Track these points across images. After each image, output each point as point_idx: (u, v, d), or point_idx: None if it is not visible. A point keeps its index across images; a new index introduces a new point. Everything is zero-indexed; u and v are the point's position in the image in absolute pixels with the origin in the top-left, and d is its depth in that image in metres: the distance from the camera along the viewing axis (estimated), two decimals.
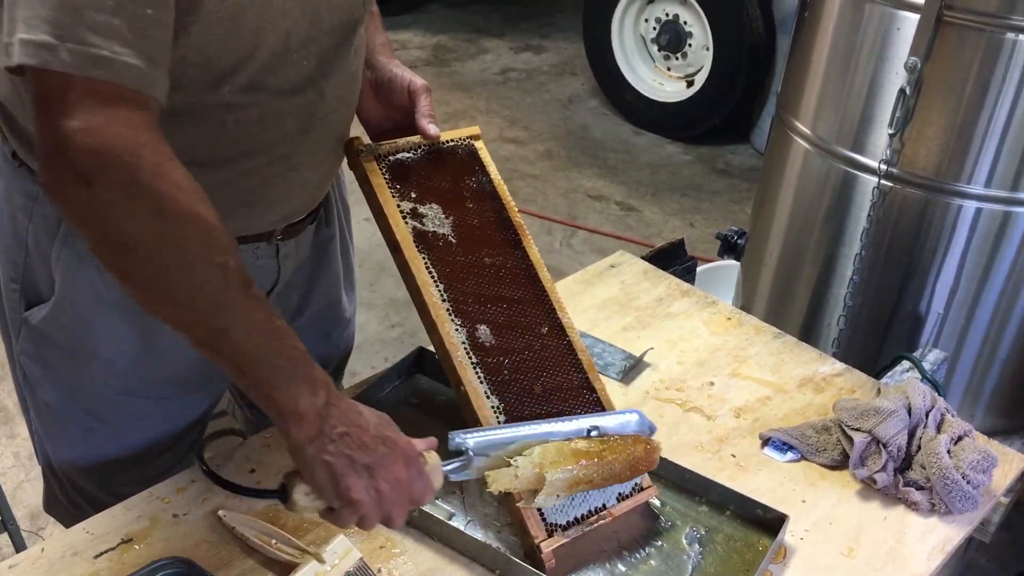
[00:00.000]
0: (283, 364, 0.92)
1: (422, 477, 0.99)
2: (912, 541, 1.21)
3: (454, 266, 1.23)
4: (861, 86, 1.82)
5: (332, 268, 1.43)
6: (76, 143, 0.84)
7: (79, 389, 1.26)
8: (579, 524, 1.14)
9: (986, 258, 1.83)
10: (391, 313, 3.08)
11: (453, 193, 1.29)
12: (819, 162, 1.95)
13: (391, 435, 0.98)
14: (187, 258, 0.88)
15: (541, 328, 1.26)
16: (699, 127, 4.27)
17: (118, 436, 1.30)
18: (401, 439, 0.99)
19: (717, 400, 1.44)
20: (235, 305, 0.91)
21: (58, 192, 0.87)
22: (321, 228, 1.37)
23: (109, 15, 0.83)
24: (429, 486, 1.00)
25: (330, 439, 0.94)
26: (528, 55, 5.18)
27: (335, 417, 0.94)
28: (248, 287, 0.92)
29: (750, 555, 1.17)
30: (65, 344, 1.22)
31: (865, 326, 1.96)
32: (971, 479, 1.24)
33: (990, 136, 1.72)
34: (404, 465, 0.97)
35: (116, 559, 1.09)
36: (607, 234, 3.62)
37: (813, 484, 1.29)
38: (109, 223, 0.87)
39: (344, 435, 0.94)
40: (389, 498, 0.96)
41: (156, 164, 0.87)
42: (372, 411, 1.00)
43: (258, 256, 1.25)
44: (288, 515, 1.16)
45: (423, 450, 1.02)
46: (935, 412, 1.31)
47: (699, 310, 1.64)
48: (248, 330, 0.91)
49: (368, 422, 0.97)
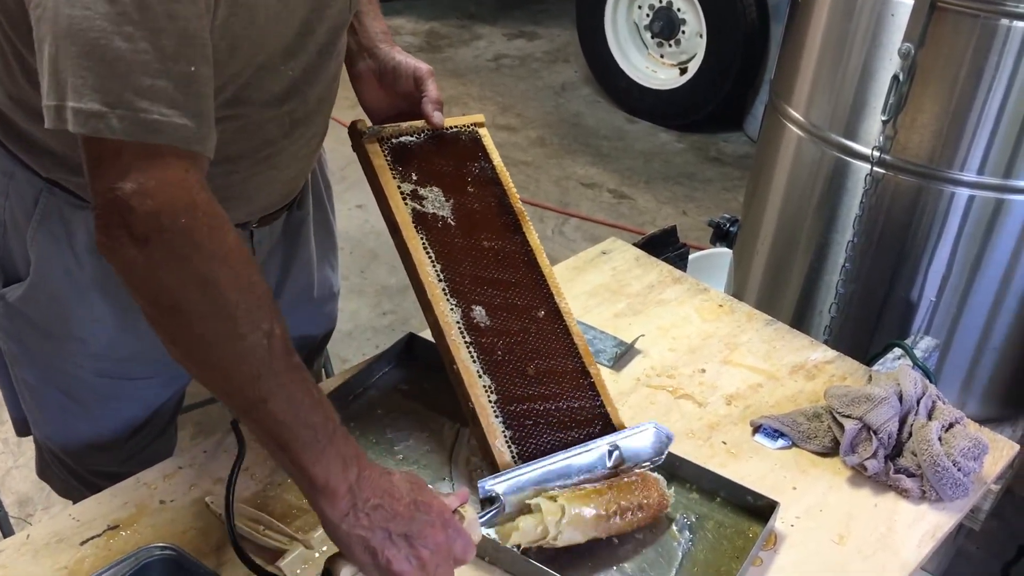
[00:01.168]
0: (318, 437, 0.90)
1: (461, 536, 0.97)
2: (902, 528, 1.21)
3: (452, 248, 1.23)
4: (854, 72, 1.82)
5: (306, 248, 1.43)
6: (133, 205, 0.84)
7: (54, 369, 1.26)
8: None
9: (978, 245, 1.83)
10: (383, 300, 3.06)
11: (454, 177, 1.29)
12: (812, 149, 1.94)
13: (425, 499, 0.96)
14: (235, 325, 0.87)
15: (538, 312, 1.26)
16: (692, 115, 4.26)
17: (92, 417, 1.30)
18: (436, 502, 0.97)
19: (708, 387, 1.43)
20: (277, 375, 0.89)
21: (114, 253, 0.87)
22: (293, 211, 1.37)
23: (155, 77, 0.83)
24: (469, 543, 0.98)
25: (364, 513, 0.92)
26: (521, 42, 5.16)
27: (367, 490, 0.92)
28: (290, 356, 0.90)
29: (740, 542, 1.16)
30: (41, 324, 1.22)
31: (857, 313, 1.96)
32: (962, 466, 1.24)
33: (983, 123, 1.72)
34: (441, 528, 0.95)
35: (102, 545, 1.08)
36: (599, 222, 3.61)
37: (804, 471, 1.29)
38: (163, 285, 0.87)
39: (378, 507, 0.92)
40: (431, 563, 0.94)
41: (211, 227, 0.87)
42: (403, 475, 0.97)
43: None
44: (276, 502, 1.15)
45: (456, 507, 1.00)
46: (926, 399, 1.30)
47: (691, 297, 1.63)
48: (287, 401, 0.89)
49: (400, 490, 0.95)
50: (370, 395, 1.34)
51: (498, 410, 1.18)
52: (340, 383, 1.32)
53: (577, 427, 1.21)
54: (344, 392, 1.32)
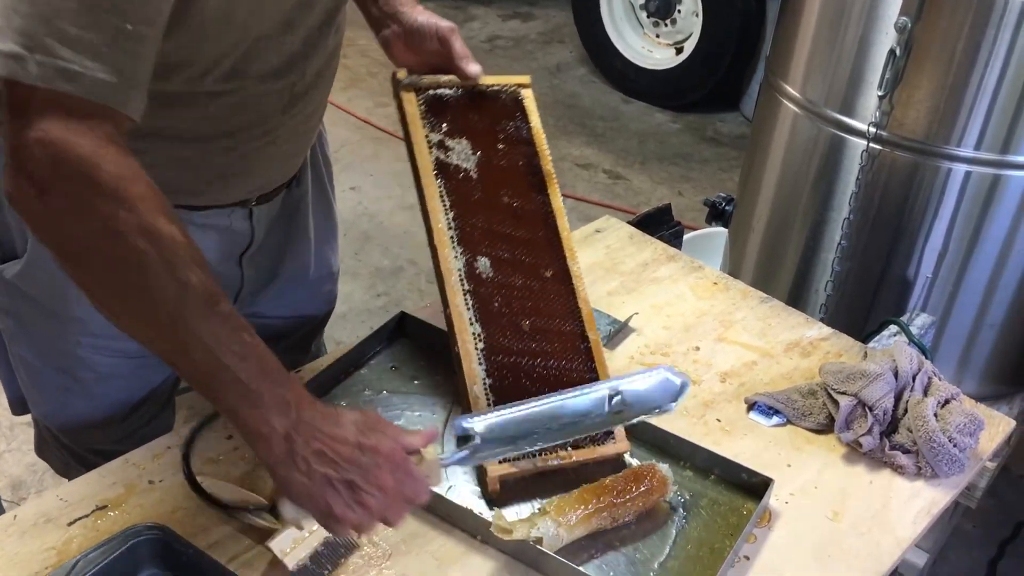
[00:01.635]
0: (248, 384, 0.89)
1: (412, 479, 0.94)
2: (898, 505, 1.20)
3: (469, 199, 1.23)
4: (851, 47, 1.80)
5: (305, 226, 1.42)
6: (33, 153, 0.83)
7: (52, 347, 1.25)
8: (533, 458, 1.14)
9: (975, 222, 1.81)
10: (377, 282, 3.05)
11: (486, 133, 1.28)
12: (808, 126, 1.93)
13: (372, 442, 0.93)
14: (144, 274, 0.86)
15: (545, 271, 1.25)
16: (688, 95, 4.23)
17: (91, 395, 1.30)
18: (384, 445, 0.93)
19: (703, 365, 1.42)
20: (195, 324, 0.88)
21: (16, 202, 0.86)
22: (292, 189, 1.36)
23: (84, 29, 0.82)
24: (421, 486, 0.95)
25: (303, 458, 0.90)
26: (516, 23, 5.13)
27: (307, 433, 0.90)
28: (213, 303, 0.89)
29: (735, 519, 1.15)
30: (39, 301, 1.22)
31: (853, 291, 1.95)
32: (958, 442, 1.23)
33: (980, 98, 1.70)
34: (389, 472, 0.92)
35: (90, 526, 1.07)
36: (595, 202, 3.59)
37: (799, 448, 1.28)
38: (65, 234, 0.86)
39: (319, 452, 0.90)
40: (377, 508, 0.92)
41: (115, 177, 0.85)
42: (355, 415, 0.94)
43: (232, 220, 1.25)
44: (265, 482, 1.14)
45: (420, 446, 0.97)
46: (922, 375, 1.29)
47: (685, 275, 1.62)
48: (209, 349, 0.88)
49: (346, 433, 0.92)
50: (362, 374, 1.33)
51: (483, 358, 1.17)
52: (332, 362, 1.30)
53: (563, 388, 1.17)
54: (336, 372, 1.30)
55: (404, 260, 3.14)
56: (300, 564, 1.02)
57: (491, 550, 1.09)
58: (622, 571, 1.08)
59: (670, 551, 1.11)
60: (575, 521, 1.08)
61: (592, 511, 1.09)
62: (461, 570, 1.07)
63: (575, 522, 1.08)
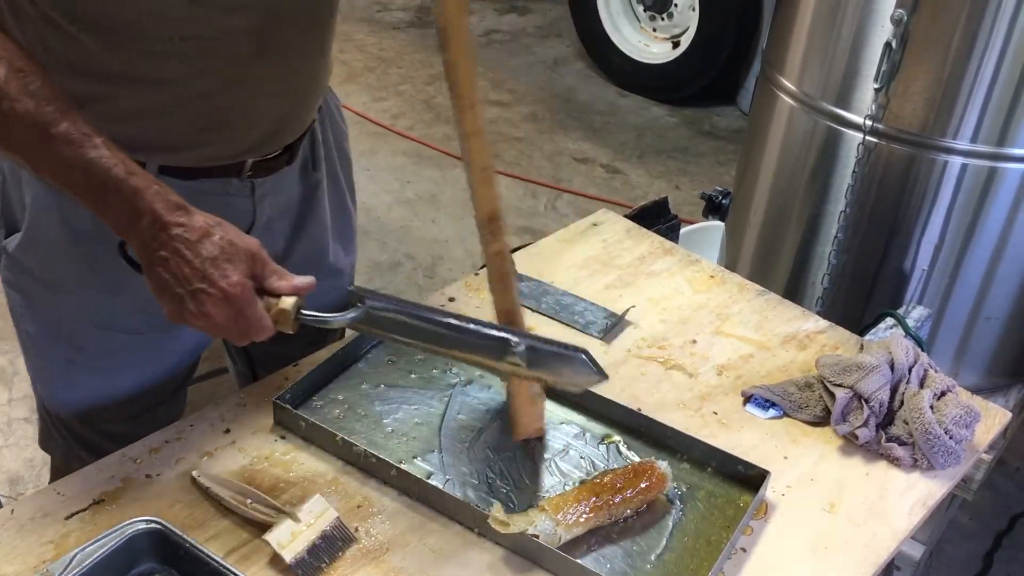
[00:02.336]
0: (96, 192, 0.97)
1: (244, 320, 0.98)
2: (894, 496, 1.21)
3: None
4: (847, 40, 1.80)
5: (319, 215, 1.40)
6: None
7: (57, 319, 1.25)
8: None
9: (971, 214, 1.81)
10: (375, 277, 3.05)
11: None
12: (804, 119, 1.93)
13: (213, 273, 0.97)
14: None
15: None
16: (685, 89, 4.23)
17: (100, 368, 1.29)
18: (226, 279, 0.97)
19: (699, 358, 1.42)
20: (34, 147, 0.96)
21: None
22: (308, 172, 1.35)
23: None
24: (256, 327, 0.99)
25: (154, 258, 0.97)
26: (512, 17, 5.12)
27: (160, 241, 0.97)
28: (45, 128, 0.95)
29: (731, 511, 1.16)
30: (39, 273, 1.21)
31: (850, 284, 1.95)
32: (954, 434, 1.23)
33: (976, 90, 1.70)
34: (219, 305, 0.97)
35: (88, 520, 1.07)
36: (592, 197, 3.60)
37: (795, 441, 1.28)
38: None
39: (166, 260, 0.97)
40: (208, 326, 0.98)
41: None
42: (224, 241, 0.98)
43: (229, 192, 1.23)
44: (263, 475, 1.14)
45: (284, 292, 1.00)
46: (918, 367, 1.29)
47: (682, 268, 1.62)
48: (56, 167, 0.97)
49: (198, 254, 0.97)
50: (359, 368, 1.33)
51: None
52: (329, 356, 1.30)
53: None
54: (333, 365, 1.30)
55: (402, 255, 3.14)
56: (297, 557, 1.02)
57: (489, 543, 1.09)
58: (619, 563, 1.08)
59: (667, 543, 1.11)
60: (573, 520, 1.08)
61: (590, 509, 1.09)
62: (459, 563, 1.07)
63: (572, 521, 1.08)
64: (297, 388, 1.24)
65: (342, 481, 1.15)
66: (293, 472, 1.15)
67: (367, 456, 1.15)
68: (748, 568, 1.10)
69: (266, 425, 1.22)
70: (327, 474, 1.16)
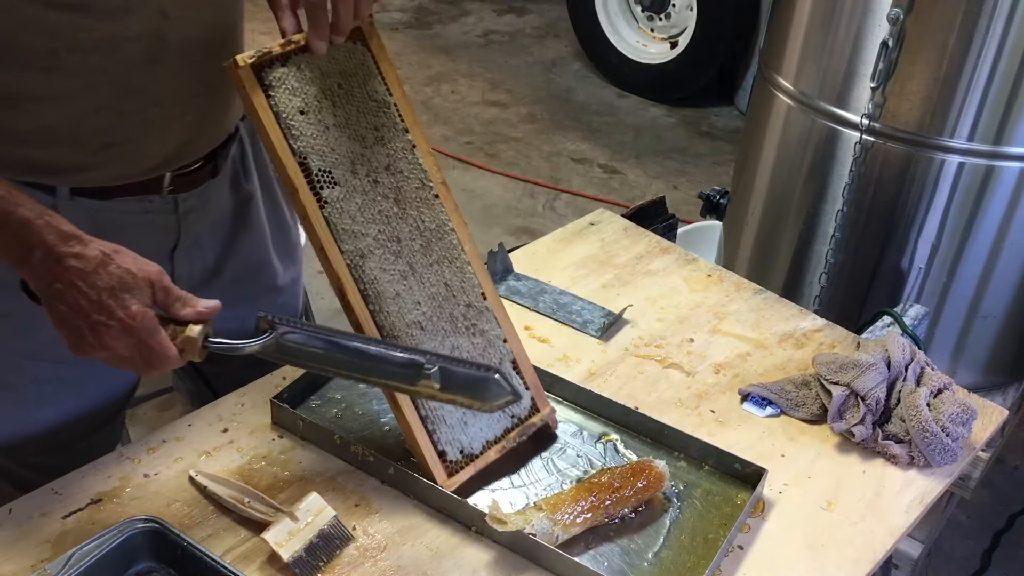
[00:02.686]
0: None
1: (147, 350, 0.94)
2: (891, 494, 1.21)
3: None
4: (844, 39, 1.80)
5: (255, 228, 1.33)
6: None
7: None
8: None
9: (968, 213, 1.82)
10: None
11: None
12: (801, 118, 1.93)
13: (111, 304, 0.93)
14: None
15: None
16: (683, 89, 4.24)
17: (24, 402, 1.22)
18: (125, 310, 0.93)
19: (697, 357, 1.42)
20: None
21: None
22: (239, 184, 1.29)
23: None
24: (161, 358, 0.95)
25: (49, 291, 0.94)
26: (511, 17, 5.13)
27: (55, 274, 0.93)
28: None
29: (728, 509, 1.16)
30: None
31: (847, 283, 1.95)
32: (950, 432, 1.23)
33: (973, 89, 1.70)
34: (119, 337, 0.93)
35: (85, 519, 1.07)
36: (590, 197, 3.60)
37: (792, 439, 1.28)
38: None
39: (61, 293, 0.93)
40: (106, 359, 0.95)
41: None
42: (122, 270, 0.94)
43: (149, 210, 1.18)
44: (261, 474, 1.14)
45: (189, 317, 0.96)
46: (915, 365, 1.30)
47: (679, 267, 1.62)
48: None
49: (94, 285, 0.93)
50: None
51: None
52: None
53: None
54: None
55: None
56: (295, 555, 1.02)
57: (486, 541, 1.09)
58: (616, 561, 1.08)
59: (664, 541, 1.11)
60: (570, 520, 1.08)
61: (587, 508, 1.09)
62: (456, 561, 1.07)
63: (570, 521, 1.08)
64: (295, 387, 1.24)
65: (340, 480, 1.15)
66: (291, 471, 1.16)
67: (365, 455, 1.15)
68: (745, 565, 1.10)
69: (264, 424, 1.22)
70: (325, 473, 1.16)
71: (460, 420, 1.15)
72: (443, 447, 1.13)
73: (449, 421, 1.15)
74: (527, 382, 1.22)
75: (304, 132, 1.08)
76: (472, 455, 1.16)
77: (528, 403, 1.21)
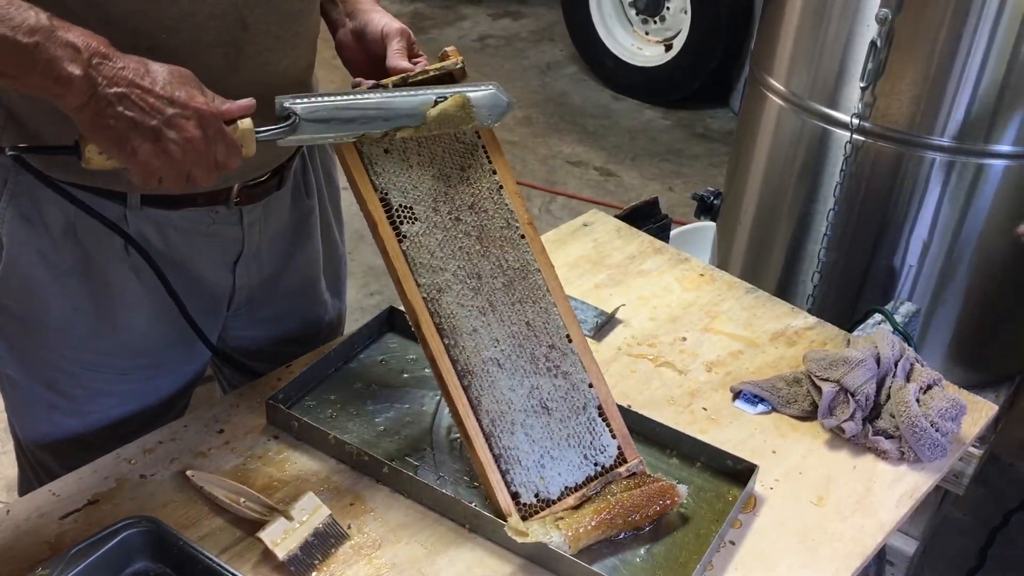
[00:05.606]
0: (24, 41, 0.85)
1: (223, 138, 0.94)
2: (881, 489, 1.22)
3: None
4: (833, 40, 1.81)
5: (311, 245, 1.36)
6: None
7: (37, 361, 1.21)
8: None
9: (959, 211, 1.83)
10: (370, 281, 3.06)
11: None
12: (793, 119, 1.94)
13: (181, 95, 0.91)
14: None
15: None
16: (678, 91, 4.25)
17: (82, 413, 1.24)
18: (195, 100, 0.92)
19: (689, 355, 1.44)
20: None
21: None
22: (300, 200, 1.31)
23: None
24: (233, 149, 0.96)
25: (107, 101, 0.89)
26: (506, 21, 5.14)
27: (109, 76, 0.88)
28: None
29: (720, 505, 1.17)
30: (17, 311, 1.17)
31: (840, 281, 1.96)
32: (940, 427, 1.24)
33: (962, 88, 1.72)
34: (197, 126, 0.92)
35: (83, 520, 1.08)
36: (586, 199, 3.61)
37: (783, 435, 1.29)
38: None
39: (123, 96, 0.89)
40: (183, 159, 0.92)
41: None
42: (167, 68, 0.92)
43: (216, 220, 1.19)
44: (256, 474, 1.15)
45: (236, 114, 0.97)
46: (904, 362, 1.31)
47: (671, 267, 1.63)
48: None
49: (156, 80, 0.91)
50: (351, 368, 1.34)
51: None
52: (321, 356, 1.32)
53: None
54: (325, 365, 1.32)
55: None
56: (291, 554, 1.03)
57: (480, 539, 1.10)
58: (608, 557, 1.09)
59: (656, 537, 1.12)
60: (583, 537, 1.08)
61: (602, 526, 1.10)
62: (450, 559, 1.08)
63: (583, 537, 1.08)
64: (290, 388, 1.25)
65: (334, 479, 1.16)
66: (286, 471, 1.17)
67: (359, 455, 1.16)
68: (737, 561, 1.11)
69: (259, 425, 1.23)
70: (320, 473, 1.17)
71: (536, 462, 1.13)
72: (516, 488, 1.11)
73: (525, 463, 1.12)
74: (614, 430, 1.18)
75: (386, 169, 1.12)
76: (548, 500, 1.12)
77: (614, 452, 1.17)
